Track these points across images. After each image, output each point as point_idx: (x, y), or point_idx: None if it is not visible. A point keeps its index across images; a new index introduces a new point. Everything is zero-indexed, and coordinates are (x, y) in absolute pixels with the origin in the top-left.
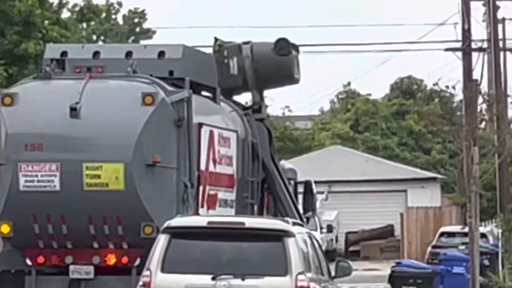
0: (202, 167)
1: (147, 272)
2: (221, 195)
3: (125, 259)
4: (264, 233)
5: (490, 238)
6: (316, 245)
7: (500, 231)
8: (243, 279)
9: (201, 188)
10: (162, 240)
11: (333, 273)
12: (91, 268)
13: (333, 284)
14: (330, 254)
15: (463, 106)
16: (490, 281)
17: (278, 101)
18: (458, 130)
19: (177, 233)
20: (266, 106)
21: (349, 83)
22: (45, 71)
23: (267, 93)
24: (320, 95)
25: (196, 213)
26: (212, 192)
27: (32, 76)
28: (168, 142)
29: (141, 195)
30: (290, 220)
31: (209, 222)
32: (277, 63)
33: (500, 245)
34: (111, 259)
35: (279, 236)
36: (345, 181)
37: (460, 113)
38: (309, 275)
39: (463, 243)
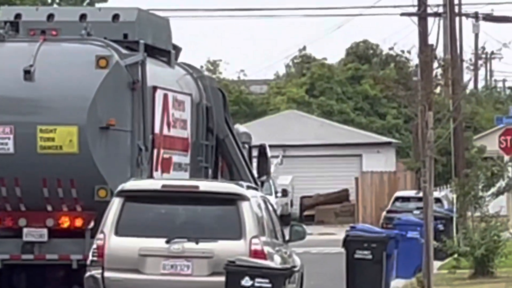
0: (157, 130)
1: (101, 235)
2: (175, 158)
3: (79, 222)
4: (218, 197)
5: (445, 203)
6: (271, 209)
7: (454, 196)
8: (197, 243)
9: (155, 151)
10: (116, 203)
11: (287, 237)
12: (44, 231)
13: (287, 248)
14: (285, 218)
15: (419, 71)
16: (445, 245)
17: (233, 65)
18: (413, 95)
19: (131, 196)
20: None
21: (304, 48)
22: None
23: (222, 57)
24: (275, 59)
25: (150, 176)
26: (166, 156)
27: None
28: (122, 105)
29: (95, 158)
30: (244, 184)
31: (163, 186)
32: None
33: (454, 210)
34: (65, 222)
35: (233, 200)
36: (300, 145)
37: (416, 78)
38: (263, 239)
39: (417, 208)
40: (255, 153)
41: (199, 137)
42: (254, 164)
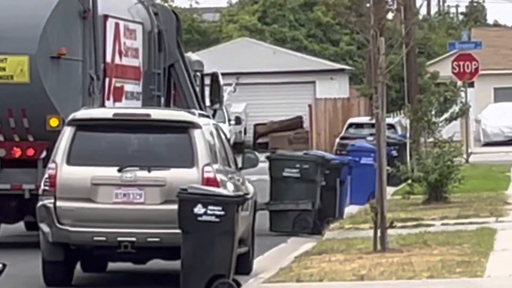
0: (108, 59)
1: (52, 165)
2: (127, 87)
3: (30, 152)
4: (170, 125)
5: (399, 129)
6: (223, 137)
7: (408, 122)
8: (149, 171)
9: (107, 80)
10: (67, 132)
11: (240, 165)
12: None
13: (240, 176)
14: (238, 146)
15: None
16: (398, 171)
17: None
18: (365, 20)
19: (82, 125)
20: None
21: None
22: None
23: None
24: None
25: (102, 105)
26: (118, 85)
27: None
28: (73, 34)
29: (46, 87)
30: (196, 112)
31: (114, 114)
32: None
33: (408, 136)
34: (17, 152)
35: (185, 127)
36: (253, 73)
37: (368, 4)
38: (215, 166)
39: (371, 134)
40: (207, 81)
41: (151, 66)
42: (207, 92)
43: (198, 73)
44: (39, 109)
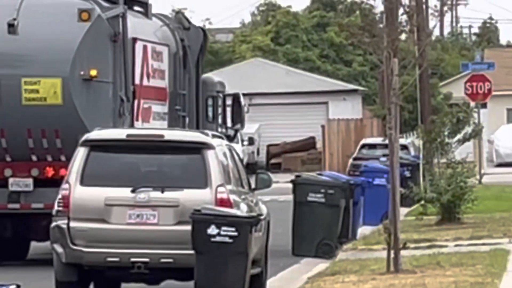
0: (137, 81)
1: (66, 185)
2: (154, 108)
3: (63, 171)
4: (184, 146)
5: (412, 150)
6: (236, 157)
7: (421, 142)
8: (162, 192)
9: (136, 101)
10: (81, 153)
11: (253, 186)
12: (30, 181)
13: (253, 196)
14: (251, 167)
15: (384, 17)
16: (411, 192)
17: (198, 13)
18: (378, 41)
19: (96, 145)
20: None
21: None
22: None
23: (187, 5)
24: (240, 7)
25: (132, 126)
26: (146, 106)
27: None
28: (104, 57)
29: (79, 109)
30: (209, 132)
31: (128, 135)
32: None
33: (421, 156)
34: (50, 172)
35: (198, 148)
36: (266, 93)
37: (381, 25)
38: (229, 187)
39: (384, 155)
40: (229, 101)
41: (177, 87)
42: (228, 113)
43: (220, 94)
44: (71, 130)
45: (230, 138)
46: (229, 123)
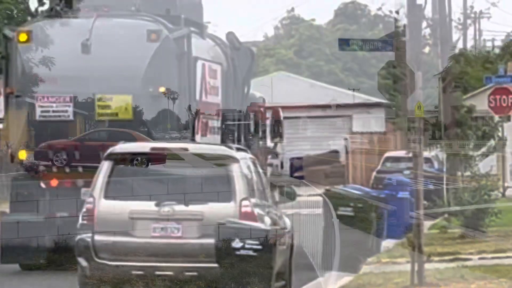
0: (197, 97)
1: (90, 199)
2: (211, 123)
3: None
4: (208, 159)
5: (435, 163)
6: (260, 170)
7: (445, 155)
8: (186, 205)
9: (196, 117)
10: (105, 166)
11: (277, 199)
12: None
13: (278, 210)
14: (275, 180)
15: (407, 31)
16: (435, 205)
17: (221, 27)
18: (402, 55)
19: (120, 159)
20: None
21: (292, 9)
22: (55, 10)
23: (210, 19)
24: (264, 21)
25: (193, 139)
26: (204, 121)
27: (44, 15)
28: (171, 75)
29: (148, 124)
30: (233, 145)
31: (152, 148)
32: None
33: (444, 169)
34: None
35: (223, 161)
36: (290, 106)
37: (404, 38)
38: (253, 200)
39: (407, 168)
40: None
41: (228, 103)
42: (268, 127)
43: (262, 109)
44: None
45: (270, 151)
46: (269, 137)
